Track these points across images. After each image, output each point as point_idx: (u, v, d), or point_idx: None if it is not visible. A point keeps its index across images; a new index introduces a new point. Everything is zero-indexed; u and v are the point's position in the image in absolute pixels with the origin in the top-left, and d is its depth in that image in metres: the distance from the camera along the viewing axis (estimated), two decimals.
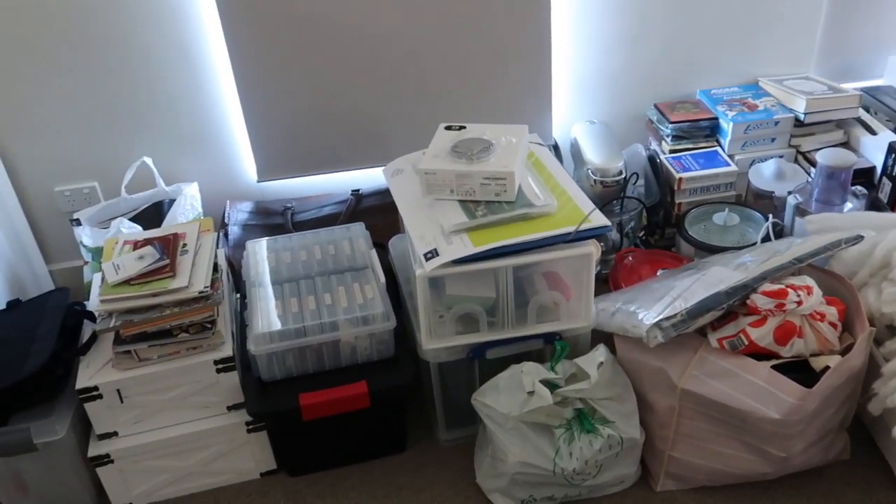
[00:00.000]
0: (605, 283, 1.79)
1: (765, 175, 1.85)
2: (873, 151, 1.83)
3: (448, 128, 1.52)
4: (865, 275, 1.43)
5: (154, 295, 1.36)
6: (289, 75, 1.85)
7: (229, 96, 1.88)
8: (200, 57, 1.82)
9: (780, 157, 1.91)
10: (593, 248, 1.37)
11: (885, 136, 1.83)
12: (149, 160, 1.87)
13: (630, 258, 1.78)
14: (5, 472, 1.41)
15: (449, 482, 1.49)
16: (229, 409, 1.46)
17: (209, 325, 1.40)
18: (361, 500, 1.47)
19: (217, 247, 1.53)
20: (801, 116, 1.90)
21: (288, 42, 1.81)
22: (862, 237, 1.41)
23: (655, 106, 2.03)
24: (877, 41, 2.08)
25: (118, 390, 1.39)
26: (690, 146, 1.96)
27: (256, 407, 1.41)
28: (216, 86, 1.87)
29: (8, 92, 1.78)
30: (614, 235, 1.89)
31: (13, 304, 1.53)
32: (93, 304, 1.54)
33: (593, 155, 1.85)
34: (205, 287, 1.38)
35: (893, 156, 1.69)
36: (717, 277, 1.38)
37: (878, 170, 1.79)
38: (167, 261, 1.41)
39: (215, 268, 1.46)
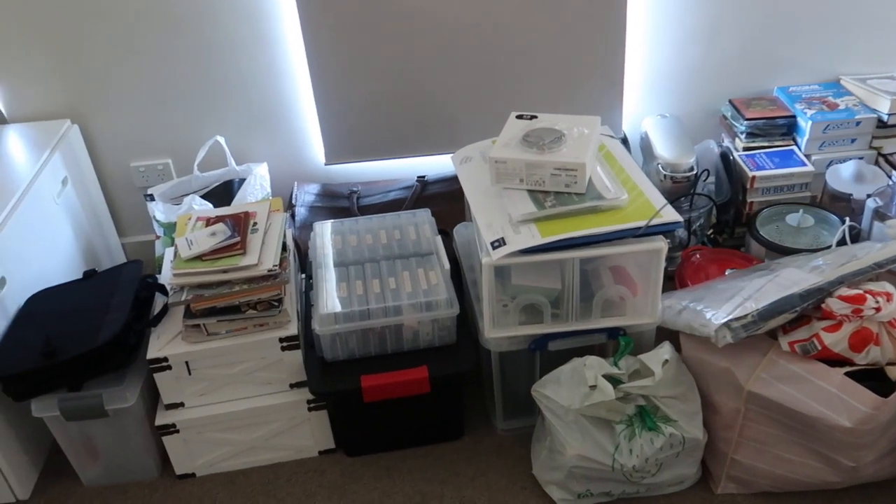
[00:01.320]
0: (670, 281, 1.75)
1: (843, 176, 1.80)
2: None
3: (519, 117, 1.51)
4: None
5: (225, 271, 1.39)
6: (361, 60, 1.86)
7: (302, 79, 1.91)
8: (275, 39, 1.85)
9: (860, 158, 1.85)
10: (664, 244, 1.35)
11: None
12: (221, 139, 1.91)
13: (697, 256, 1.74)
14: (77, 436, 1.46)
15: (504, 471, 1.49)
16: (292, 386, 1.49)
17: (276, 304, 1.43)
18: (417, 484, 1.48)
19: (286, 227, 1.56)
20: (885, 117, 1.83)
21: (362, 26, 1.82)
22: None
23: (730, 102, 1.98)
24: None
25: (187, 362, 1.42)
26: (765, 144, 1.91)
27: (318, 386, 1.43)
28: (289, 68, 1.89)
29: (89, 69, 1.84)
30: (682, 233, 1.85)
31: (89, 274, 1.58)
32: (165, 277, 1.59)
33: (664, 149, 1.82)
34: (273, 266, 1.41)
35: None
36: (790, 279, 1.35)
37: None
38: (238, 238, 1.44)
39: (284, 247, 1.49)
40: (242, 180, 1.88)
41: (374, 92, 1.92)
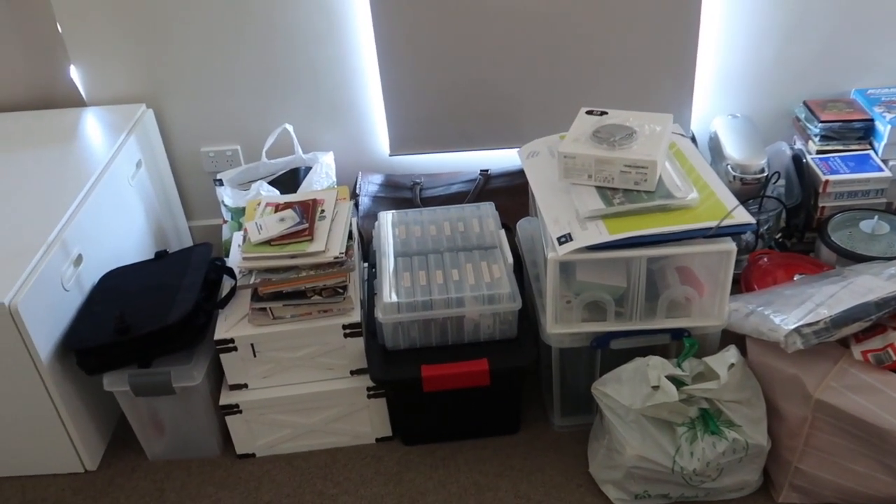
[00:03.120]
0: (736, 284, 1.72)
1: None
2: None
3: (589, 112, 1.50)
4: None
5: (292, 256, 1.42)
6: (428, 52, 1.87)
7: (370, 70, 1.92)
8: (346, 30, 1.87)
9: None
10: (734, 246, 1.32)
11: None
12: (289, 127, 1.94)
13: (765, 260, 1.71)
14: (145, 411, 1.51)
15: (560, 468, 1.49)
16: (352, 373, 1.51)
17: (341, 290, 1.45)
18: (472, 476, 1.49)
19: (351, 216, 1.58)
20: None
21: (430, 18, 1.83)
22: None
23: (805, 103, 1.93)
24: None
25: (252, 345, 1.45)
26: (840, 148, 1.85)
27: (379, 374, 1.45)
28: (358, 59, 1.91)
29: (164, 56, 1.89)
30: (749, 236, 1.81)
31: (161, 255, 1.62)
32: (233, 260, 1.62)
33: (734, 150, 1.79)
34: (340, 253, 1.42)
35: None
36: (866, 287, 1.31)
37: None
38: (306, 224, 1.46)
39: (350, 235, 1.51)
40: (308, 168, 1.91)
41: (441, 84, 1.92)
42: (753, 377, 1.36)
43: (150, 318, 1.42)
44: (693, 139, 1.96)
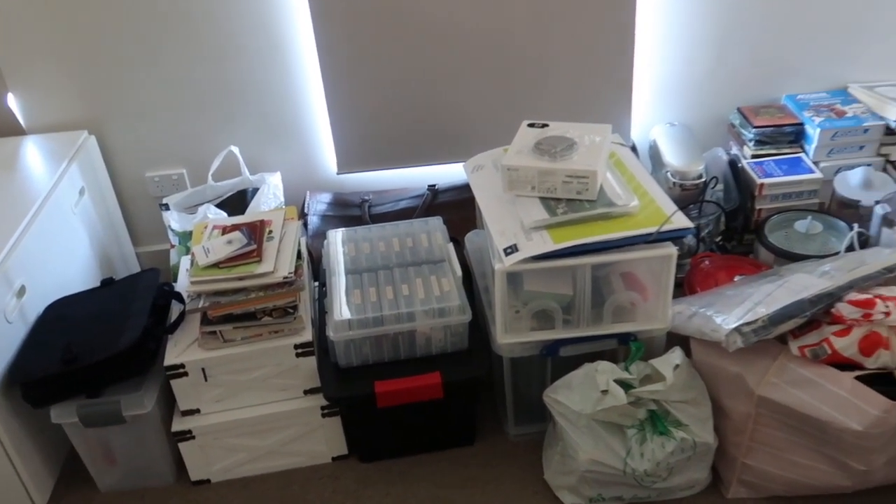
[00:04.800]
0: (680, 287, 1.76)
1: (851, 183, 1.81)
2: None
3: (531, 125, 1.53)
4: None
5: (241, 278, 1.41)
6: (373, 69, 1.89)
7: (315, 90, 1.93)
8: (289, 50, 1.88)
9: (869, 165, 1.86)
10: (674, 250, 1.36)
11: None
12: (235, 149, 1.93)
13: (706, 263, 1.76)
14: (96, 442, 1.48)
15: (516, 477, 1.50)
16: (306, 392, 1.51)
17: (291, 310, 1.45)
18: (430, 489, 1.50)
19: (300, 235, 1.58)
20: (893, 124, 1.84)
21: (374, 37, 1.85)
22: None
23: (738, 110, 2.00)
24: None
25: (203, 369, 1.44)
26: (773, 152, 1.92)
27: (332, 392, 1.45)
28: (302, 79, 1.92)
29: (106, 81, 1.87)
30: (690, 240, 1.86)
31: (107, 282, 1.60)
32: (181, 285, 1.61)
33: (673, 157, 1.84)
34: (289, 273, 1.43)
35: None
36: (801, 284, 1.36)
37: None
38: (254, 246, 1.46)
39: (298, 255, 1.51)
40: (256, 189, 1.91)
41: (386, 101, 1.94)
42: (698, 377, 1.40)
43: (99, 347, 1.40)
44: (634, 148, 2.02)
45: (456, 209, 1.94)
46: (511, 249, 1.33)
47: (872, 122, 1.86)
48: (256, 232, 1.50)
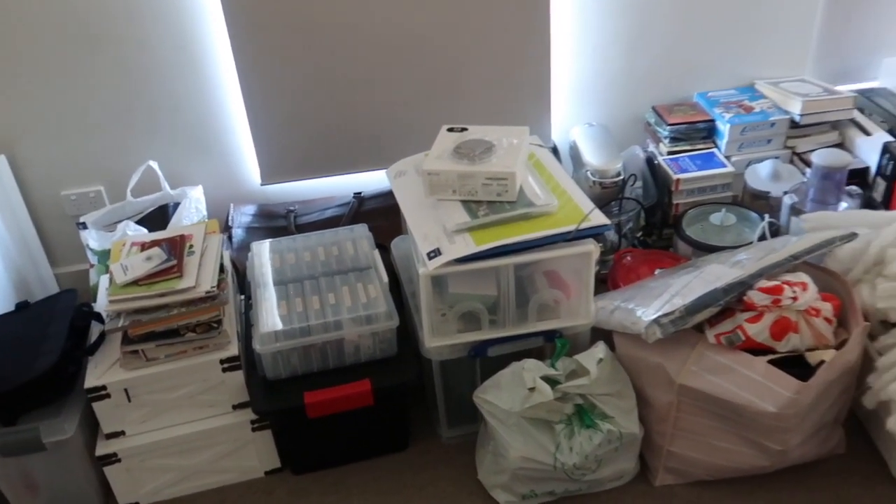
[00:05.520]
0: (604, 283, 1.81)
1: (761, 176, 1.88)
2: (868, 152, 1.86)
3: (450, 129, 1.54)
4: (860, 271, 1.46)
5: (162, 295, 1.39)
6: (292, 79, 1.88)
7: (234, 100, 1.91)
8: (206, 61, 1.85)
9: (776, 158, 1.94)
10: (594, 247, 1.39)
11: (880, 137, 1.86)
12: (154, 164, 1.89)
13: (628, 258, 1.80)
14: (15, 472, 1.43)
15: (451, 479, 1.51)
16: (235, 407, 1.49)
17: (216, 325, 1.43)
18: (365, 497, 1.49)
19: (222, 248, 1.56)
20: (797, 118, 1.93)
21: (292, 46, 1.84)
22: (856, 235, 1.44)
23: (653, 108, 2.06)
24: (871, 44, 2.11)
25: (126, 389, 1.41)
26: (688, 148, 1.98)
27: (261, 405, 1.43)
28: (221, 90, 1.90)
29: (16, 96, 1.81)
30: (613, 236, 1.91)
31: (22, 306, 1.55)
32: (101, 305, 1.57)
33: (592, 157, 1.88)
34: (211, 287, 1.41)
35: (887, 156, 1.72)
36: (714, 275, 1.41)
37: (873, 170, 1.81)
38: (175, 261, 1.43)
39: (221, 269, 1.49)
40: (177, 204, 1.87)
41: (308, 111, 1.93)
42: (622, 369, 1.44)
43: (14, 372, 1.35)
44: (555, 149, 2.05)
45: (383, 216, 1.94)
46: (434, 253, 1.34)
47: (778, 116, 1.94)
48: (177, 247, 1.48)
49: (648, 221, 1.97)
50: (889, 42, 2.10)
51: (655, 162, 1.97)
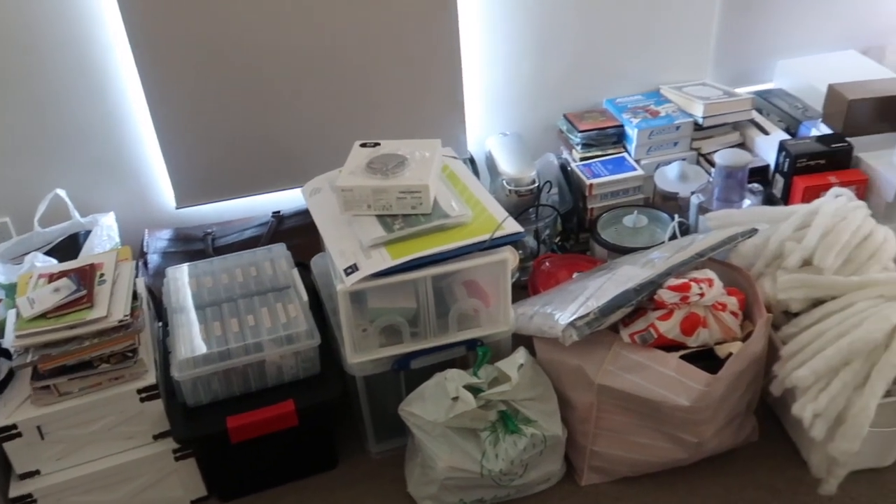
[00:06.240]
0: (524, 290, 1.84)
1: (669, 177, 1.95)
2: (767, 150, 1.95)
3: (363, 145, 1.55)
4: (762, 265, 1.52)
5: (72, 327, 1.35)
6: (203, 100, 1.86)
7: (143, 124, 1.87)
8: (111, 86, 1.81)
9: (683, 159, 2.01)
10: (509, 255, 1.42)
11: (777, 136, 1.95)
12: (62, 192, 1.84)
13: (547, 264, 1.84)
14: None
15: (381, 494, 1.51)
16: (155, 437, 1.45)
17: (131, 354, 1.39)
18: None
19: (137, 275, 1.53)
20: (700, 120, 2.01)
21: (200, 66, 1.81)
22: (756, 230, 1.51)
23: (565, 116, 2.11)
24: (766, 48, 2.21)
25: (38, 427, 1.36)
26: (599, 153, 2.04)
27: (183, 433, 1.41)
28: (129, 114, 1.86)
29: None
30: (531, 242, 1.95)
31: None
32: (7, 340, 1.51)
33: (507, 166, 1.91)
34: (125, 316, 1.37)
35: (784, 153, 1.81)
36: (626, 276, 1.45)
37: (772, 167, 1.90)
38: (84, 292, 1.39)
39: (135, 296, 1.45)
40: (88, 232, 1.82)
41: (221, 131, 1.91)
42: (543, 373, 1.46)
43: None
44: (472, 160, 2.08)
45: (303, 234, 1.93)
46: (351, 269, 1.35)
47: (683, 119, 2.02)
48: (86, 277, 1.44)
49: (565, 227, 2.01)
50: (782, 45, 2.21)
51: (569, 168, 2.02)
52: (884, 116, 1.79)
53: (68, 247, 1.84)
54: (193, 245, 1.92)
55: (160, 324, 1.62)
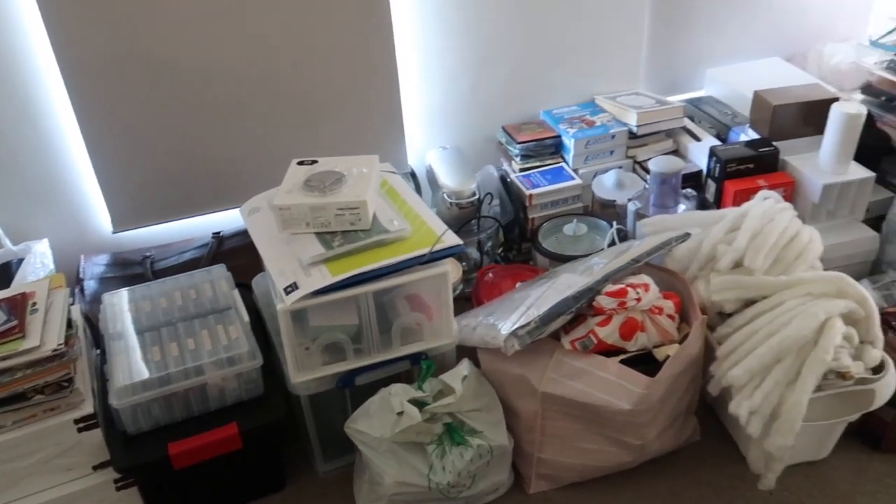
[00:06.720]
0: (470, 302, 1.85)
1: (606, 185, 1.99)
2: (699, 156, 2.00)
3: (300, 163, 1.55)
4: (696, 268, 1.56)
5: (3, 358, 1.31)
6: (137, 121, 1.83)
7: (75, 147, 1.84)
8: (40, 108, 1.77)
9: (619, 167, 2.05)
10: (449, 268, 1.43)
11: (708, 142, 2.00)
12: None
13: (491, 275, 1.86)
14: None
15: None
16: (95, 468, 1.42)
17: (66, 384, 1.36)
18: None
19: (73, 302, 1.49)
20: (634, 129, 2.05)
21: (133, 87, 1.79)
22: (689, 235, 1.55)
23: (503, 128, 2.14)
24: (695, 57, 2.28)
25: None
26: (538, 164, 2.07)
27: (123, 462, 1.37)
28: (60, 137, 1.82)
29: None
30: (475, 254, 1.96)
31: None
32: None
33: (447, 179, 1.93)
34: (59, 345, 1.34)
35: (714, 159, 1.86)
36: (565, 283, 1.47)
37: (704, 172, 1.95)
38: (15, 321, 1.36)
39: (70, 324, 1.42)
40: (21, 260, 1.77)
41: (157, 153, 1.88)
42: (487, 384, 1.47)
43: None
44: (413, 174, 2.09)
45: (244, 254, 1.90)
46: (291, 288, 1.34)
47: (617, 128, 2.06)
48: (17, 306, 1.40)
49: (507, 237, 2.03)
50: (710, 54, 2.28)
51: (509, 179, 2.05)
52: (807, 120, 1.86)
53: (0, 276, 1.78)
54: (132, 269, 1.89)
55: (98, 351, 1.58)
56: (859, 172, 1.80)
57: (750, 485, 1.45)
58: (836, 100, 1.82)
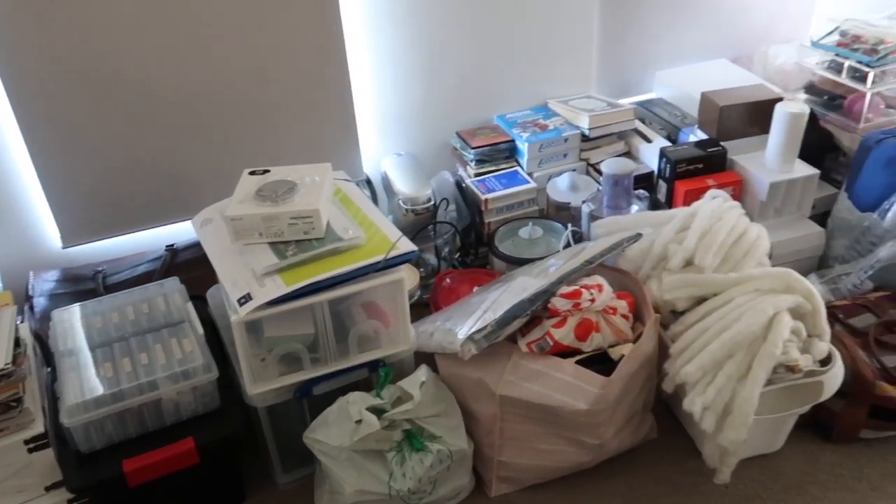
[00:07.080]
0: (428, 307, 1.85)
1: (561, 188, 2.01)
2: (650, 157, 2.03)
3: (252, 173, 1.54)
4: (648, 268, 1.59)
5: None
6: (84, 134, 1.80)
7: (21, 162, 1.80)
8: None
9: (573, 170, 2.07)
10: (405, 274, 1.43)
11: (659, 143, 2.04)
12: None
13: (448, 280, 1.86)
14: None
15: None
16: (48, 489, 1.39)
17: (15, 404, 1.33)
18: None
19: (21, 320, 1.46)
20: (587, 132, 2.08)
21: (78, 100, 1.76)
22: (641, 235, 1.57)
23: (457, 133, 2.15)
24: (644, 60, 2.32)
25: None
26: (493, 168, 2.08)
27: (77, 482, 1.35)
28: (5, 152, 1.78)
29: None
30: (432, 260, 1.96)
31: None
32: None
33: (402, 185, 1.93)
34: (6, 364, 1.31)
35: (664, 160, 1.89)
36: (521, 286, 1.48)
37: (656, 173, 1.98)
38: None
39: (17, 343, 1.39)
40: None
41: (106, 165, 1.85)
42: (446, 389, 1.48)
43: None
44: (369, 181, 2.09)
45: (199, 266, 1.87)
46: (245, 299, 1.33)
47: (570, 132, 2.08)
48: None
49: (464, 242, 2.04)
50: (658, 57, 2.32)
51: (464, 185, 2.06)
52: (753, 120, 1.90)
53: None
54: (83, 285, 1.85)
55: (48, 369, 1.55)
56: (804, 170, 1.85)
57: (707, 479, 1.48)
58: (781, 100, 1.87)
